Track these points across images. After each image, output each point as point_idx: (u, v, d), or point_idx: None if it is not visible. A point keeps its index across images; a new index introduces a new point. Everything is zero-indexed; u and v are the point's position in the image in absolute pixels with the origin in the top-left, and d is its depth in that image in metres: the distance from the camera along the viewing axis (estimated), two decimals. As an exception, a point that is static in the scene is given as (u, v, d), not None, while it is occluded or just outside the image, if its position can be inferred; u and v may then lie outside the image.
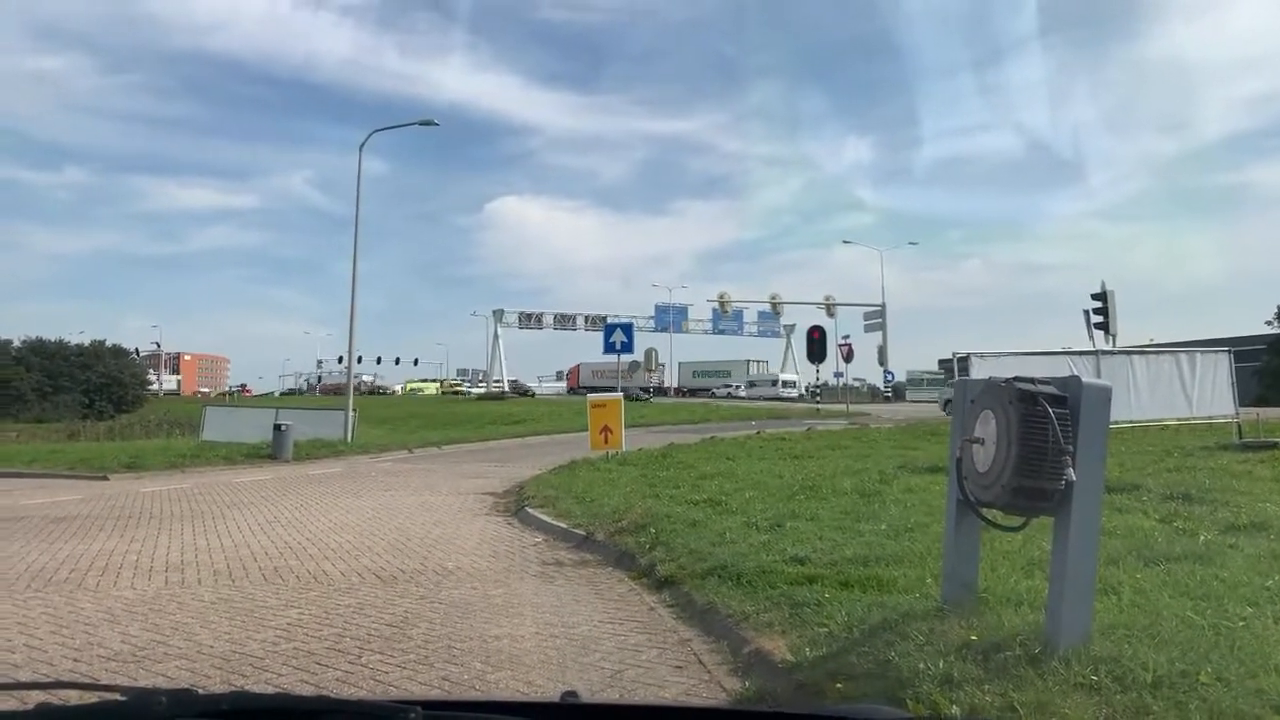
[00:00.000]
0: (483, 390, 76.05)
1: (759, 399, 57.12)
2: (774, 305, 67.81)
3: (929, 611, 4.59)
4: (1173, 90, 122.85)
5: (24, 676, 4.64)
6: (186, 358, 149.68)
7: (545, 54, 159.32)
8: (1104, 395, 3.96)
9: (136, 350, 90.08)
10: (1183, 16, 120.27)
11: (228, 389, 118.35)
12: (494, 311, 78.22)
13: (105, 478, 16.59)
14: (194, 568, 7.66)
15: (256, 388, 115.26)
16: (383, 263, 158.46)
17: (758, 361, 76.19)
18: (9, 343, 70.17)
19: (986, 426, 4.13)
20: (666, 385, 62.96)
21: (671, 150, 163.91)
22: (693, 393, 59.87)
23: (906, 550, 6.32)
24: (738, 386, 69.12)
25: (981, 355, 19.10)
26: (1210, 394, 20.27)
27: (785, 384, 65.25)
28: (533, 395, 68.64)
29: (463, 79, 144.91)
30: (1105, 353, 20.66)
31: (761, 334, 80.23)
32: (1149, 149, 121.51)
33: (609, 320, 44.10)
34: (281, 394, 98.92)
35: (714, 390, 66.60)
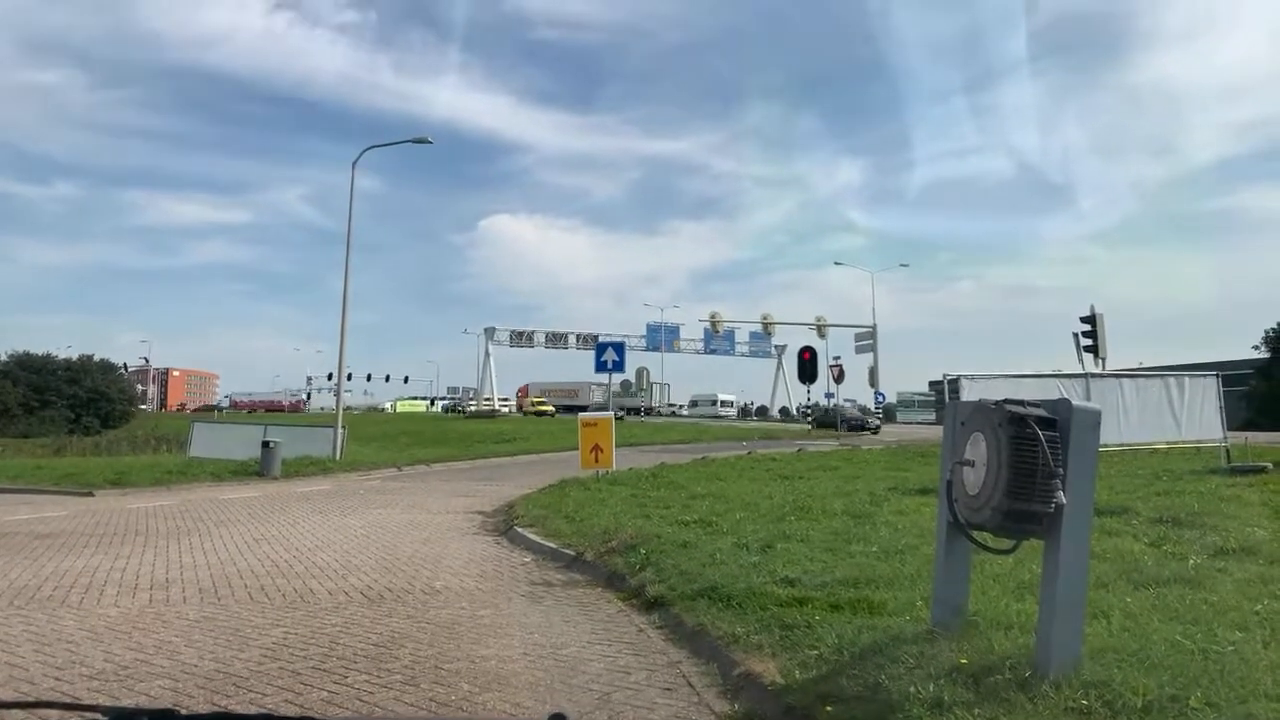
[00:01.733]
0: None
1: (700, 418, 63.09)
2: (765, 326, 68.15)
3: (919, 634, 4.58)
4: (1162, 115, 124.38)
5: (5, 695, 4.58)
6: (175, 373, 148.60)
7: (539, 73, 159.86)
8: (1093, 418, 3.98)
9: (125, 365, 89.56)
10: (1172, 43, 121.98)
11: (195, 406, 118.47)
12: (485, 329, 78.23)
13: (91, 494, 16.43)
14: (179, 585, 7.59)
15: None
16: (375, 280, 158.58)
17: (661, 384, 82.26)
18: (-5, 356, 69.69)
19: (977, 449, 4.14)
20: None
21: (665, 170, 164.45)
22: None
23: (897, 572, 6.31)
24: (680, 406, 78.02)
25: (972, 377, 19.15)
26: (1199, 418, 20.38)
27: (723, 403, 72.27)
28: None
29: (457, 97, 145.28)
30: (1094, 376, 20.75)
31: (753, 354, 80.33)
32: (1139, 174, 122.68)
33: (600, 339, 44.15)
34: (195, 410, 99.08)
35: (659, 409, 73.96)
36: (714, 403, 72.19)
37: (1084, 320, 22.04)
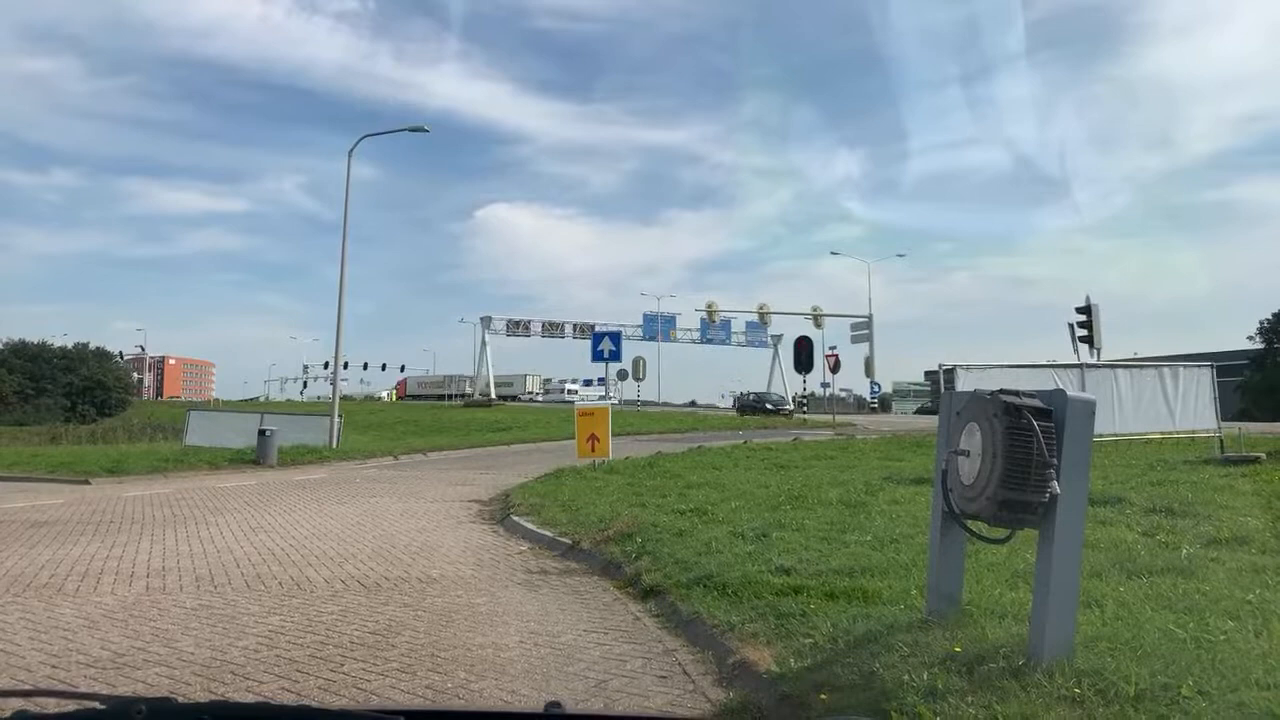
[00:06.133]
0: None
1: (552, 404, 67.30)
2: (761, 315, 68.30)
3: (913, 623, 4.61)
4: (1158, 108, 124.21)
5: (1, 684, 4.59)
6: (171, 361, 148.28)
7: (538, 63, 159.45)
8: (1088, 409, 3.99)
9: (120, 353, 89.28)
10: (1169, 36, 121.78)
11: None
12: (481, 319, 77.82)
13: (87, 482, 16.41)
14: (175, 573, 7.60)
15: (241, 393, 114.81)
16: (372, 268, 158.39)
17: (528, 375, 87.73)
18: (-9, 344, 69.44)
19: (972, 439, 4.15)
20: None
21: (663, 160, 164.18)
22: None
23: (891, 561, 6.33)
24: (535, 394, 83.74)
25: (967, 367, 19.19)
26: (1193, 408, 20.45)
27: (569, 391, 77.51)
28: None
29: (456, 86, 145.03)
30: (1089, 366, 20.79)
31: (749, 344, 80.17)
32: (1135, 166, 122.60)
33: (597, 328, 44.08)
34: None
35: (518, 396, 79.79)
36: (563, 390, 78.04)
37: (1079, 311, 22.05)
